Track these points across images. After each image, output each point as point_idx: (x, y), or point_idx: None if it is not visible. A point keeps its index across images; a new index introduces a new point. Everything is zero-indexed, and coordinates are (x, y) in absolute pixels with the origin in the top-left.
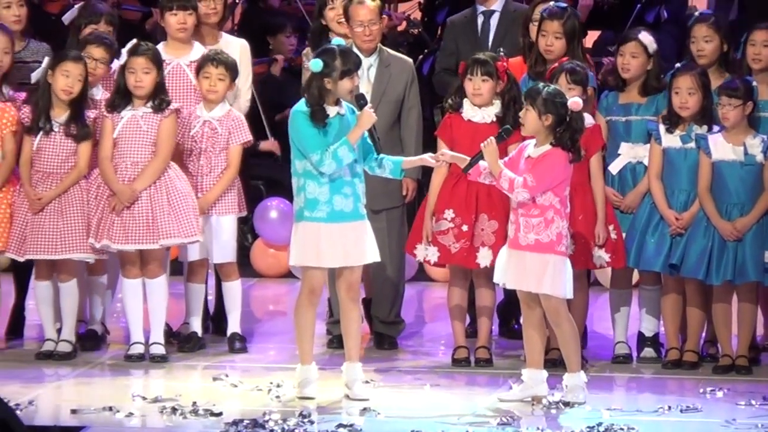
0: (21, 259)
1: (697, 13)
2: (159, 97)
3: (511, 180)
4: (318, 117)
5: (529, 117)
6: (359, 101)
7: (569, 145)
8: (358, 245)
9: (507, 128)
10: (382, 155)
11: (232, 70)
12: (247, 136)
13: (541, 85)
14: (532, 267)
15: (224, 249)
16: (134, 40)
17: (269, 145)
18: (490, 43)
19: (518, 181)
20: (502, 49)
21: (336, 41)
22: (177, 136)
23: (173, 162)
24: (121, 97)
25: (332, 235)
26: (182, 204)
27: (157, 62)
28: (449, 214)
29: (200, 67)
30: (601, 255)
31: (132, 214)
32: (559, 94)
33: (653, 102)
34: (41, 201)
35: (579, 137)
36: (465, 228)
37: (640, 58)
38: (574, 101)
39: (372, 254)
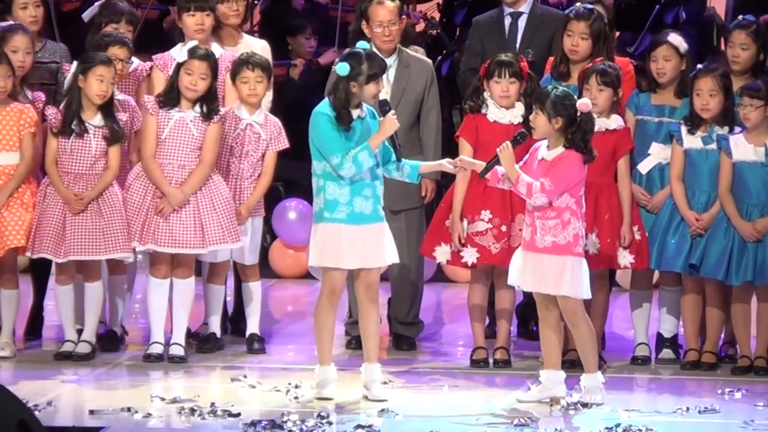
0: (61, 261)
1: (740, 18)
2: (209, 105)
3: (529, 185)
4: (344, 121)
5: (539, 121)
6: (383, 107)
7: (582, 147)
8: (378, 247)
9: (523, 132)
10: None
11: (267, 70)
12: (285, 143)
13: (549, 87)
14: (550, 269)
15: (255, 250)
16: (194, 42)
17: None
18: (518, 45)
19: (536, 185)
20: (530, 51)
21: (361, 45)
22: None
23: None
24: (174, 95)
25: (352, 237)
26: (226, 209)
27: (214, 70)
28: (486, 214)
29: (236, 72)
30: (626, 256)
31: (179, 218)
32: (567, 96)
33: (687, 105)
34: (83, 201)
35: (590, 137)
36: (504, 228)
37: (673, 60)
38: (583, 102)
39: (391, 256)
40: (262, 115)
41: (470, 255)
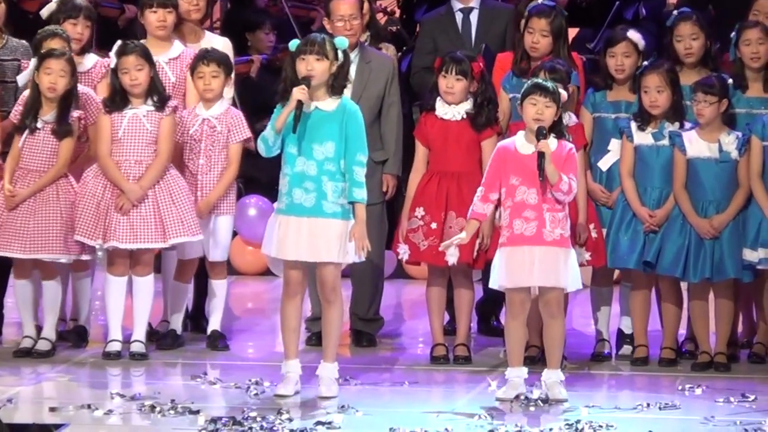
0: None
1: (676, 12)
2: (157, 94)
3: (570, 184)
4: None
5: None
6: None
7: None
8: (312, 241)
9: (542, 128)
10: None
11: (225, 65)
12: (247, 133)
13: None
14: (556, 261)
15: (222, 248)
16: (119, 41)
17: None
18: (473, 40)
19: (572, 184)
20: (486, 46)
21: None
22: (177, 135)
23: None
24: (120, 98)
25: (287, 227)
26: (185, 202)
27: (148, 58)
28: (419, 212)
29: (193, 67)
30: (582, 253)
31: (139, 213)
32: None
33: None
34: (15, 198)
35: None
36: (434, 226)
37: (632, 57)
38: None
39: (326, 254)
40: (220, 108)
41: (404, 251)
